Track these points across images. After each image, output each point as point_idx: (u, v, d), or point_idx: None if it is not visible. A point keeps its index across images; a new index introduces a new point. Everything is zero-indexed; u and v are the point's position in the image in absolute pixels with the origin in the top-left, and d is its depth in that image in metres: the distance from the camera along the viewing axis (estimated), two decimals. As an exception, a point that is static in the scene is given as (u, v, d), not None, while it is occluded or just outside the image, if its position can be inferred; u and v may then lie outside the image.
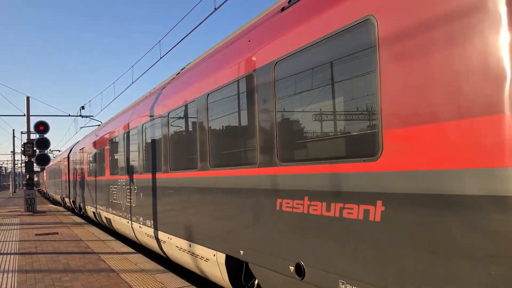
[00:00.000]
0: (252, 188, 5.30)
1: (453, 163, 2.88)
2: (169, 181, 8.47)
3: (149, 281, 7.45)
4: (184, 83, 8.06)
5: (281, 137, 4.75)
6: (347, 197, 3.78)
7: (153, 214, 9.56)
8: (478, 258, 2.77)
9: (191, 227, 7.42)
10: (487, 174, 2.69)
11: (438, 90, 3.00)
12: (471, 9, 2.79)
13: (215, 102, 6.37)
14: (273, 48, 4.97)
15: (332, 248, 4.00)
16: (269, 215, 4.96)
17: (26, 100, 25.32)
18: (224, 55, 6.60)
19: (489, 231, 2.72)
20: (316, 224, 4.15)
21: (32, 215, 22.28)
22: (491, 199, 2.70)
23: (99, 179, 16.10)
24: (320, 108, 4.21)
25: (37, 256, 10.33)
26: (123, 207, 12.56)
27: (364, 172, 3.59)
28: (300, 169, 4.39)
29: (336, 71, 3.98)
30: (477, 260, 2.78)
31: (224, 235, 6.14)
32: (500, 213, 2.65)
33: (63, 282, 7.63)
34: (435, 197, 3.01)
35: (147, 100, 10.82)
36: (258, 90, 5.18)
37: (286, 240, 4.64)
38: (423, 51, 3.11)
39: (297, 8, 4.78)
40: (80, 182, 21.27)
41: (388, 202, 3.38)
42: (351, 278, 3.74)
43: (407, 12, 3.22)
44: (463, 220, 2.83)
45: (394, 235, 3.32)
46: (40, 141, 25.74)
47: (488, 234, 2.72)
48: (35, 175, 75.60)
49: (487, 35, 2.71)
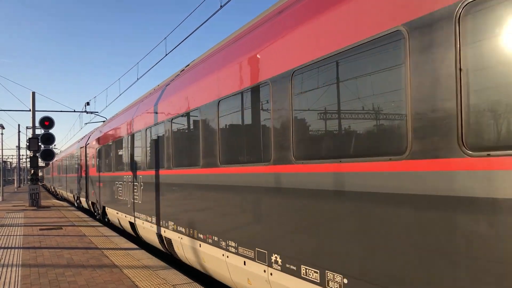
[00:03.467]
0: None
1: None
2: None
3: (151, 277, 7.47)
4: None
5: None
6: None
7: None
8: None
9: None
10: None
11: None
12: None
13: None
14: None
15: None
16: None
17: (31, 96, 25.42)
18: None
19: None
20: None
21: (36, 210, 22.39)
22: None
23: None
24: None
25: (40, 250, 10.38)
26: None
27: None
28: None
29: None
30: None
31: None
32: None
33: (66, 277, 7.66)
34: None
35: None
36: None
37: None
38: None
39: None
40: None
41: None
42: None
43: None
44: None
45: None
46: (45, 136, 25.84)
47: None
48: (40, 170, 75.94)
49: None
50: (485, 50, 2.85)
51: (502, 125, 2.75)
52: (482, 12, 2.88)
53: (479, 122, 2.88)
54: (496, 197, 2.75)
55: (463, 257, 2.93)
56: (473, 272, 2.87)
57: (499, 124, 2.78)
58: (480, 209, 2.84)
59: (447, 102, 3.07)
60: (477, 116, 2.88)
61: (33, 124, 25.66)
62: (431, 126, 3.19)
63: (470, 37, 2.94)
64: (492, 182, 2.78)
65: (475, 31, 2.92)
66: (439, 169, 3.13)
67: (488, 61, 2.83)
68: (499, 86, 2.77)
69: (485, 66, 2.85)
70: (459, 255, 2.96)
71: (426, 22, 3.23)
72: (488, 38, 2.83)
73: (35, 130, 25.95)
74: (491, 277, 2.76)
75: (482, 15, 2.88)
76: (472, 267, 2.88)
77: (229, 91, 6.29)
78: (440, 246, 3.09)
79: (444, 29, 3.10)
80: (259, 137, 5.51)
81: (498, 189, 2.74)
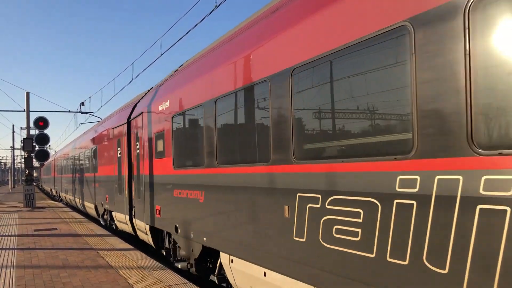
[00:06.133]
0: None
1: None
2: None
3: (147, 278, 7.47)
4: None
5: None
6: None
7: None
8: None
9: None
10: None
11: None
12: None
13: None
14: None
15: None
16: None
17: (26, 96, 25.32)
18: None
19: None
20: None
21: (31, 211, 22.30)
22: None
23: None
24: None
25: (35, 251, 10.35)
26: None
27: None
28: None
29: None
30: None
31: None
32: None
33: (61, 278, 7.65)
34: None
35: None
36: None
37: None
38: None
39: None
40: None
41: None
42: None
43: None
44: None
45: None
46: (39, 136, 25.75)
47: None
48: (35, 171, 75.58)
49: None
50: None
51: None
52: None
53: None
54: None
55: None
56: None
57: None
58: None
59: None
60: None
61: (28, 124, 25.57)
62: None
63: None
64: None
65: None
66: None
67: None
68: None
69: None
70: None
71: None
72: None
73: (30, 130, 25.86)
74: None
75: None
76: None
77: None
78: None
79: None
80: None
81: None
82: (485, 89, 2.81)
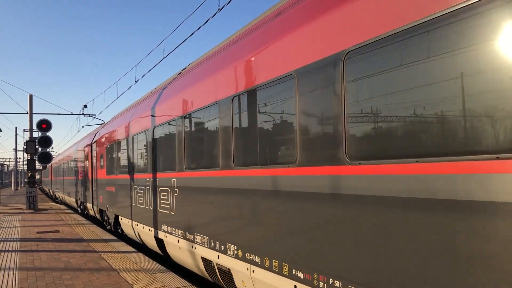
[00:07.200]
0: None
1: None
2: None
3: (149, 281, 7.46)
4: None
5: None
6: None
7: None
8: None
9: None
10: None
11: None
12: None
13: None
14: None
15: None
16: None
17: (29, 98, 25.38)
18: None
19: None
20: None
21: (33, 213, 22.33)
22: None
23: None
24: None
25: (38, 254, 10.35)
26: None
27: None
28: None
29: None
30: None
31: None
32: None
33: (63, 280, 7.65)
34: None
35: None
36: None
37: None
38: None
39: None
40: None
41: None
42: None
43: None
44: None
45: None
46: (42, 139, 25.79)
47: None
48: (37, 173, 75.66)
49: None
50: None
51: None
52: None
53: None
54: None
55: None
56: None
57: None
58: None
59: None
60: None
61: (31, 126, 25.63)
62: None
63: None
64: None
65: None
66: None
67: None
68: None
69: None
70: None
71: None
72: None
73: (33, 132, 25.92)
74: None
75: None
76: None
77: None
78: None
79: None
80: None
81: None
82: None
